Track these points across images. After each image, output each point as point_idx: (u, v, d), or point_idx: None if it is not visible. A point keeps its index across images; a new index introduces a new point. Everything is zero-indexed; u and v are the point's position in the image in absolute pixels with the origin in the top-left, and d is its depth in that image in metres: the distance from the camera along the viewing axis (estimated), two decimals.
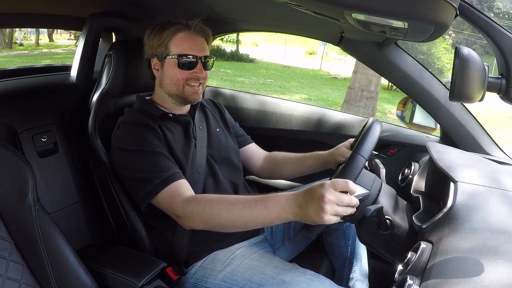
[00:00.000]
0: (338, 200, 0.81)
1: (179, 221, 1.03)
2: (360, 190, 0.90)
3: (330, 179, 0.89)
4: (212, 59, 1.21)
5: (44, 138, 1.22)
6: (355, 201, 0.83)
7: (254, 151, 1.42)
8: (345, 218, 0.94)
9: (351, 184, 0.82)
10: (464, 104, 1.34)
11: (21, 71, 1.47)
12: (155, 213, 1.15)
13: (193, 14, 1.18)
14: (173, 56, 1.14)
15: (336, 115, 1.76)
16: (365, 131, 0.97)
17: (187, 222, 1.00)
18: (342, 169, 0.91)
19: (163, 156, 1.09)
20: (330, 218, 0.81)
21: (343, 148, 1.24)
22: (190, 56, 1.14)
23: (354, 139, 1.23)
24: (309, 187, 0.85)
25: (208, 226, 0.99)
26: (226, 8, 1.53)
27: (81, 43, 1.39)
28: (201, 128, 1.25)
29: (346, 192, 0.82)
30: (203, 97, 1.50)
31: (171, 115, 1.20)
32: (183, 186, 1.05)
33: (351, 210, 0.83)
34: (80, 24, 1.42)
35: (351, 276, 1.33)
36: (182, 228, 1.13)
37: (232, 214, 0.93)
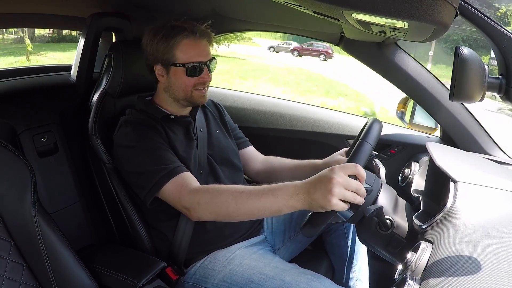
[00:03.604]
0: (347, 184, 0.79)
1: (186, 213, 1.02)
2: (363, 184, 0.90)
3: None
4: (215, 60, 1.21)
5: (44, 138, 1.22)
6: (363, 190, 0.82)
7: (252, 155, 1.42)
8: (347, 216, 0.94)
9: (360, 168, 0.81)
10: (464, 104, 1.35)
11: (21, 71, 1.47)
12: (155, 213, 1.15)
13: (193, 14, 1.18)
14: (180, 65, 1.13)
15: (336, 115, 1.76)
16: (368, 125, 0.98)
17: (195, 213, 0.99)
18: (351, 155, 0.91)
19: (167, 150, 1.09)
20: (337, 202, 0.79)
21: (338, 156, 1.24)
22: (199, 63, 1.14)
23: (348, 148, 1.24)
24: (319, 173, 0.84)
25: (215, 215, 0.98)
26: (226, 8, 1.53)
27: (81, 43, 1.39)
28: (201, 130, 1.26)
29: (355, 178, 0.81)
30: None
31: (173, 117, 1.20)
32: (189, 178, 1.05)
33: (359, 199, 0.81)
34: (80, 24, 1.42)
35: (351, 276, 1.33)
36: (182, 228, 1.13)
37: (239, 201, 0.92)
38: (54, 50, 12.55)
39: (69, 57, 11.33)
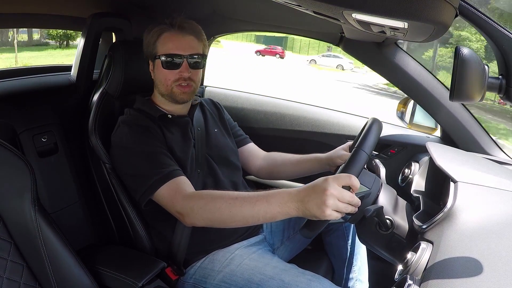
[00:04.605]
0: (340, 196, 0.80)
1: (180, 218, 1.02)
2: (361, 188, 0.90)
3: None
4: (202, 57, 1.18)
5: (44, 138, 1.22)
6: (357, 200, 0.83)
7: (253, 151, 1.42)
8: (346, 217, 0.94)
9: (354, 179, 0.82)
10: (464, 104, 1.35)
11: (21, 71, 1.47)
12: (154, 212, 1.15)
13: (193, 14, 1.18)
14: (158, 57, 1.14)
15: (337, 115, 1.76)
16: (366, 129, 0.98)
17: (188, 218, 0.99)
18: (345, 164, 0.91)
19: (163, 154, 1.09)
20: (331, 213, 0.80)
21: (342, 151, 1.24)
22: (175, 56, 1.13)
23: (352, 141, 1.23)
24: (313, 182, 0.85)
25: (209, 221, 0.98)
26: (226, 8, 1.53)
27: (81, 43, 1.39)
28: (199, 129, 1.25)
29: (349, 188, 0.82)
30: (202, 96, 1.50)
31: (170, 116, 1.20)
32: (184, 183, 1.05)
33: (351, 209, 0.83)
34: (80, 24, 1.42)
35: (350, 276, 1.33)
36: (181, 228, 1.13)
37: (233, 208, 0.92)
38: (7, 52, 15.34)
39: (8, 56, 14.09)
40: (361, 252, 1.35)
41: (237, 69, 16.36)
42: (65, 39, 20.59)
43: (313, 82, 15.70)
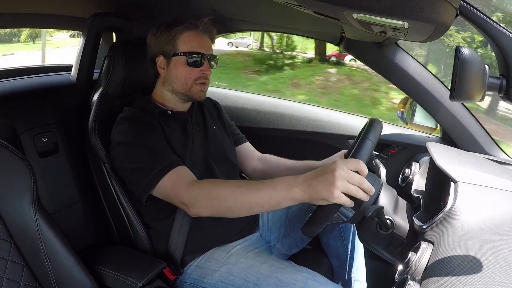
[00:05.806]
0: (349, 177, 0.79)
1: (185, 209, 1.01)
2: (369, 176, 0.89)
3: None
4: (217, 58, 1.22)
5: (44, 138, 1.22)
6: (368, 185, 0.81)
7: (248, 151, 1.42)
8: (348, 215, 0.94)
9: (362, 164, 0.81)
10: (465, 104, 1.35)
11: (21, 71, 1.47)
12: (152, 211, 1.15)
13: (194, 14, 1.18)
14: (181, 54, 1.15)
15: (336, 115, 1.76)
16: (369, 124, 0.98)
17: (193, 208, 0.98)
18: (353, 151, 0.91)
19: (162, 147, 1.09)
20: (340, 195, 0.78)
21: (337, 158, 1.24)
22: (198, 54, 1.15)
23: (347, 150, 1.24)
24: (321, 166, 0.84)
25: (214, 210, 0.97)
26: (226, 8, 1.53)
27: (82, 43, 1.40)
28: (198, 127, 1.26)
29: (357, 173, 0.81)
30: None
31: (170, 113, 1.20)
32: (185, 172, 1.05)
33: (362, 194, 0.80)
34: (81, 24, 1.42)
35: (349, 276, 1.33)
36: (178, 227, 1.13)
37: (238, 196, 0.91)
38: None
39: None
40: (358, 252, 1.35)
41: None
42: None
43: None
